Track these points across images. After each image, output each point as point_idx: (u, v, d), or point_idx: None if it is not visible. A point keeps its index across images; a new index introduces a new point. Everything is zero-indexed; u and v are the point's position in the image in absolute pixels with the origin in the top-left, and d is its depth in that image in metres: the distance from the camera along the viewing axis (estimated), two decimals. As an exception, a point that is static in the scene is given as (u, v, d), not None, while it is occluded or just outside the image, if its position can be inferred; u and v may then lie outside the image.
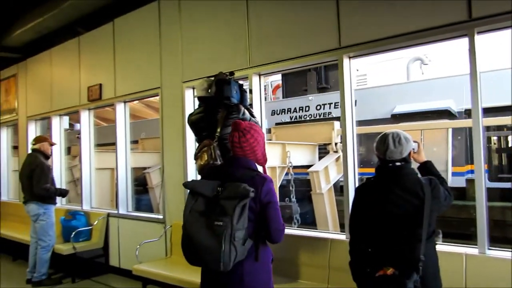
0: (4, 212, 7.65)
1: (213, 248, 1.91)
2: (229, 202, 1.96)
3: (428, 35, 2.96)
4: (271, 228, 2.10)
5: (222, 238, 1.90)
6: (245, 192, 1.95)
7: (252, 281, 2.09)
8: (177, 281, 3.75)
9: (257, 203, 2.06)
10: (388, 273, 2.05)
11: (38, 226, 5.04)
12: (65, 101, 6.36)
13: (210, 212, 1.99)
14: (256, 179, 2.09)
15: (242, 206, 1.95)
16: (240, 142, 2.18)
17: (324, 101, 8.70)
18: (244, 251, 2.01)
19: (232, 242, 1.92)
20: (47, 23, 5.75)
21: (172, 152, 4.74)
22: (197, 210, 2.03)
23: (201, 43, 4.45)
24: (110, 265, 5.49)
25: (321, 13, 3.48)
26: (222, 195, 2.00)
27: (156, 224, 4.85)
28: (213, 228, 1.93)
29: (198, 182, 2.13)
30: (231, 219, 1.92)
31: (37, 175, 4.96)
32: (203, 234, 1.95)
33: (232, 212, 1.92)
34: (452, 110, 6.84)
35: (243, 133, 2.19)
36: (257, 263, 2.11)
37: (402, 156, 2.23)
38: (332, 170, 6.14)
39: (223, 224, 1.91)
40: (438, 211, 2.26)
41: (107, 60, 5.57)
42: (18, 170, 7.43)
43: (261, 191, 2.06)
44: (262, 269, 2.15)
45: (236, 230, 1.93)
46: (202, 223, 1.97)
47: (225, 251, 1.90)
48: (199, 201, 2.05)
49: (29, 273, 5.12)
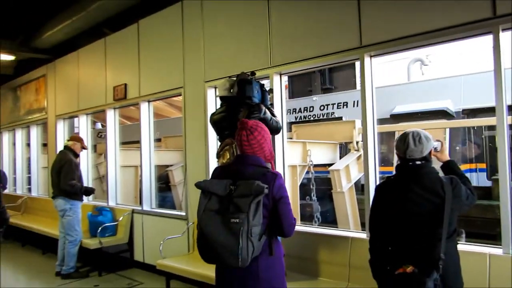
0: (34, 207, 7.96)
1: (230, 244, 1.96)
2: (243, 200, 2.00)
3: (451, 33, 2.93)
4: (284, 222, 2.15)
5: (239, 234, 1.94)
6: (260, 188, 1.99)
7: (268, 276, 2.13)
8: (200, 276, 3.81)
9: (270, 199, 2.11)
10: (408, 271, 2.06)
11: (65, 221, 5.22)
12: (92, 101, 6.55)
13: (225, 210, 2.03)
14: (268, 176, 2.13)
15: (257, 202, 2.00)
16: (249, 140, 2.21)
17: (327, 102, 8.92)
18: (260, 246, 2.06)
19: (249, 238, 1.96)
20: (75, 25, 5.92)
21: (194, 150, 4.83)
22: (211, 209, 2.07)
23: (222, 43, 4.52)
24: (135, 259, 5.62)
25: (342, 12, 3.48)
26: (236, 193, 2.04)
27: (179, 220, 4.95)
28: (230, 226, 1.97)
29: (210, 182, 2.18)
30: (247, 216, 1.96)
31: (65, 171, 5.15)
32: (220, 231, 1.99)
33: (248, 209, 1.97)
34: (449, 110, 6.99)
35: (250, 131, 2.22)
36: (272, 258, 2.16)
37: (422, 155, 2.23)
38: (353, 168, 6.11)
39: (239, 221, 1.96)
40: (460, 210, 2.25)
41: (132, 60, 5.70)
42: (47, 167, 7.74)
43: (273, 187, 2.11)
44: (276, 264, 2.20)
45: (253, 226, 1.98)
46: (218, 221, 2.02)
47: (243, 247, 1.94)
48: (212, 200, 2.09)
49: (58, 266, 5.31)
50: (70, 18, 5.80)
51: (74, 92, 6.96)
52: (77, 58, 6.91)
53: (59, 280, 5.16)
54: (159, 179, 6.97)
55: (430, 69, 8.91)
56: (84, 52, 6.79)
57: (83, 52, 6.81)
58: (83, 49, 6.78)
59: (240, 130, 2.25)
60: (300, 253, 3.62)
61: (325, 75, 10.50)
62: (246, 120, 2.30)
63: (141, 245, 5.52)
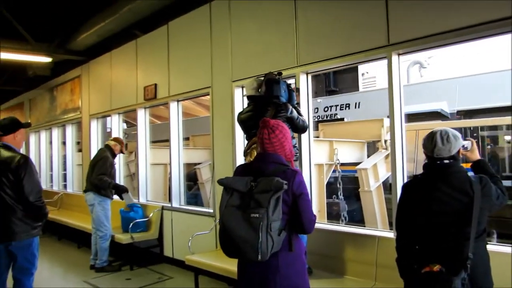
0: (69, 203, 8.29)
1: (250, 239, 2.00)
2: (263, 195, 2.04)
3: (478, 30, 2.87)
4: (304, 219, 2.18)
5: (259, 229, 1.99)
6: (279, 184, 2.03)
7: (288, 271, 2.17)
8: (227, 272, 3.87)
9: (290, 195, 2.14)
10: (435, 269, 2.05)
11: (94, 217, 5.41)
12: (123, 100, 6.75)
13: (246, 206, 2.08)
14: (288, 173, 2.17)
15: (277, 198, 2.04)
16: (270, 138, 2.25)
17: (331, 104, 9.25)
18: (280, 242, 2.09)
19: (268, 233, 2.01)
20: (107, 27, 6.11)
21: (222, 149, 4.91)
22: (232, 204, 2.12)
23: (249, 43, 4.57)
24: (164, 255, 5.77)
25: (370, 10, 3.47)
26: (256, 190, 2.09)
27: (206, 217, 5.04)
28: (250, 220, 2.02)
29: (232, 179, 2.23)
30: (267, 211, 2.01)
31: (98, 166, 5.36)
32: (241, 226, 2.04)
33: (268, 204, 2.01)
34: (443, 112, 7.29)
35: (272, 130, 2.26)
36: (292, 254, 2.19)
37: (450, 153, 2.21)
38: (381, 167, 6.03)
39: (259, 216, 2.00)
40: (490, 209, 2.21)
41: (161, 61, 5.85)
42: (81, 165, 8.04)
43: (293, 183, 2.15)
44: (297, 260, 2.23)
45: (272, 221, 2.02)
46: (239, 216, 2.07)
47: (262, 241, 1.99)
48: (234, 196, 2.14)
49: (92, 260, 5.52)
50: (103, 21, 5.99)
51: (106, 92, 7.20)
52: (109, 59, 7.14)
53: (93, 273, 5.35)
54: (187, 177, 7.12)
55: (429, 71, 8.98)
56: (116, 53, 7.00)
57: (115, 53, 7.03)
58: (115, 50, 7.00)
59: (261, 129, 2.30)
60: (326, 251, 3.63)
61: (330, 78, 10.89)
62: (268, 118, 2.35)
63: (171, 241, 5.66)
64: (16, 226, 3.20)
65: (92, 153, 7.48)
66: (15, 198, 3.20)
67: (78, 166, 8.55)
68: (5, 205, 3.18)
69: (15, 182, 3.18)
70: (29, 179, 3.21)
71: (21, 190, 3.18)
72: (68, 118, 8.67)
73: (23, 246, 3.27)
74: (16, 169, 3.18)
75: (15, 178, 3.18)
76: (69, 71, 8.56)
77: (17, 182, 3.18)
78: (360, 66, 3.03)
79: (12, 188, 3.19)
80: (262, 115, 3.05)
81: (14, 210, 3.20)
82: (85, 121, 7.93)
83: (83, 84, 8.05)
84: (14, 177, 3.18)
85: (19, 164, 3.20)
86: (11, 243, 3.22)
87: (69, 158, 8.85)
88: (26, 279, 3.35)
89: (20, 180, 3.17)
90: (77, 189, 8.50)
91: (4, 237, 3.21)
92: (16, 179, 3.18)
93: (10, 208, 3.19)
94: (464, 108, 7.42)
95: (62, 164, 9.51)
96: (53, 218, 7.41)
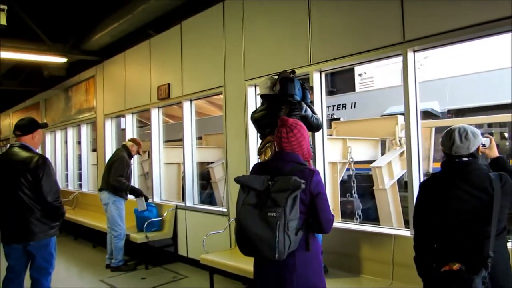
0: (85, 202, 8.39)
1: (267, 238, 2.00)
2: (280, 195, 2.03)
3: (496, 26, 2.82)
4: (322, 218, 2.17)
5: (276, 228, 1.98)
6: (297, 184, 2.02)
7: (305, 271, 2.16)
8: (242, 271, 3.87)
9: (307, 195, 2.13)
10: (455, 268, 2.02)
11: (108, 216, 5.46)
12: (137, 100, 6.81)
13: (262, 205, 2.07)
14: (305, 172, 2.16)
15: (294, 197, 2.03)
16: (288, 137, 2.25)
17: (328, 104, 9.25)
18: (297, 241, 2.08)
19: (285, 232, 2.00)
20: (121, 28, 6.15)
21: (235, 148, 4.92)
22: (249, 203, 2.12)
23: (262, 42, 4.56)
24: (179, 254, 5.80)
25: (384, 7, 3.43)
26: (274, 188, 2.08)
27: (220, 216, 5.05)
28: (267, 219, 2.02)
29: (249, 177, 2.23)
30: (284, 210, 2.00)
31: (116, 166, 5.41)
32: (257, 225, 2.04)
33: (285, 203, 2.01)
34: (434, 111, 7.49)
35: (290, 129, 2.26)
36: (309, 253, 2.18)
37: (469, 151, 2.18)
38: (396, 165, 5.96)
39: (276, 215, 2.00)
40: (510, 207, 2.18)
41: (175, 60, 5.88)
42: (96, 164, 8.13)
43: (311, 182, 2.14)
44: (313, 260, 2.22)
45: (290, 220, 2.01)
46: (255, 215, 2.06)
47: (279, 240, 1.98)
48: (250, 194, 2.14)
49: (107, 259, 5.58)
50: (117, 21, 6.03)
51: (121, 92, 7.26)
52: (123, 59, 7.20)
53: (109, 272, 5.41)
54: (200, 176, 7.16)
55: (423, 72, 9.02)
56: (130, 53, 7.06)
57: (129, 53, 7.09)
58: (129, 50, 7.06)
59: (280, 127, 2.30)
60: (342, 250, 3.61)
61: (328, 79, 10.96)
62: (286, 117, 2.35)
63: (185, 240, 5.69)
64: (35, 226, 3.25)
65: (107, 152, 7.59)
66: (34, 198, 3.24)
67: (93, 165, 8.64)
68: (24, 205, 3.23)
69: (34, 183, 3.23)
70: (47, 179, 3.25)
71: (40, 191, 3.23)
72: (83, 118, 8.78)
73: (41, 246, 3.32)
74: (35, 169, 3.23)
75: (34, 179, 3.23)
76: (84, 71, 8.66)
77: (36, 182, 3.22)
78: (357, 67, 3.12)
79: (30, 189, 3.23)
80: (276, 114, 3.04)
81: (32, 210, 3.25)
82: (99, 121, 8.02)
83: (97, 84, 8.14)
84: (32, 178, 3.23)
85: (37, 165, 3.24)
86: (29, 243, 3.27)
87: (84, 158, 8.96)
88: (44, 279, 3.40)
89: (39, 180, 3.22)
90: (92, 189, 8.59)
91: (22, 237, 3.27)
92: (34, 179, 3.23)
93: (29, 208, 3.24)
94: (455, 107, 7.60)
95: (77, 164, 9.63)
96: (69, 218, 7.48)
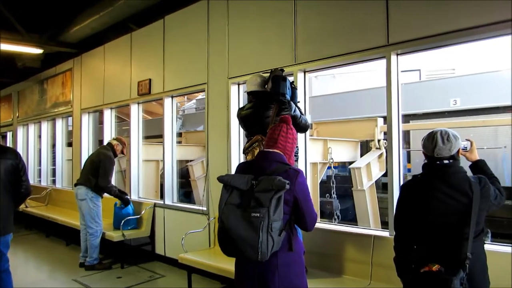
0: (58, 198, 8.16)
1: (250, 238, 1.99)
2: (264, 195, 2.03)
3: (478, 32, 2.89)
4: (307, 218, 2.21)
5: (259, 228, 1.98)
6: (281, 184, 2.02)
7: (287, 271, 2.16)
8: (221, 271, 3.85)
9: (291, 195, 2.14)
10: (434, 269, 2.05)
11: (84, 213, 5.27)
12: (116, 95, 6.66)
13: (246, 205, 2.07)
14: (290, 172, 2.17)
15: (278, 198, 2.03)
16: (287, 134, 2.29)
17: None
18: (280, 242, 2.08)
19: (269, 233, 2.00)
20: (102, 20, 6.00)
21: (216, 146, 4.87)
22: (232, 203, 2.11)
23: (247, 40, 4.54)
24: (156, 253, 5.71)
25: (369, 10, 3.47)
26: (257, 188, 2.07)
27: (200, 215, 5.00)
28: (250, 220, 2.01)
29: (232, 176, 2.22)
30: (268, 210, 2.00)
31: (105, 167, 5.25)
32: (240, 225, 2.03)
33: (269, 204, 2.00)
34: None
35: (290, 127, 2.33)
36: (291, 254, 2.18)
37: (450, 153, 2.22)
38: (374, 167, 6.05)
39: (260, 216, 1.99)
40: (488, 210, 2.23)
41: (157, 56, 5.78)
42: (71, 160, 7.92)
43: (295, 183, 2.15)
44: (296, 261, 2.22)
45: (273, 221, 2.01)
46: (239, 215, 2.06)
47: (262, 241, 1.98)
48: (234, 194, 2.13)
49: (81, 257, 5.42)
50: (98, 13, 5.89)
51: (99, 86, 7.10)
52: (103, 52, 7.04)
53: (83, 271, 5.26)
54: (179, 174, 7.07)
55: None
56: (110, 47, 6.91)
57: (109, 47, 6.93)
58: (109, 44, 6.90)
59: (281, 123, 2.33)
60: (323, 250, 3.63)
61: None
62: (288, 116, 2.40)
63: (163, 238, 5.61)
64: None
65: (83, 148, 7.41)
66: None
67: (68, 161, 8.42)
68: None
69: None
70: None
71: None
72: (58, 111, 8.54)
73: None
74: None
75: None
76: (61, 64, 8.44)
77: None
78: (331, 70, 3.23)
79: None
80: (264, 112, 3.00)
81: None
82: (76, 115, 7.82)
83: (75, 77, 7.93)
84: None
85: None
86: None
87: (58, 153, 8.71)
88: None
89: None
90: (67, 185, 8.39)
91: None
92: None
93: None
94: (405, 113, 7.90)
95: (51, 159, 9.36)
96: (41, 214, 7.33)
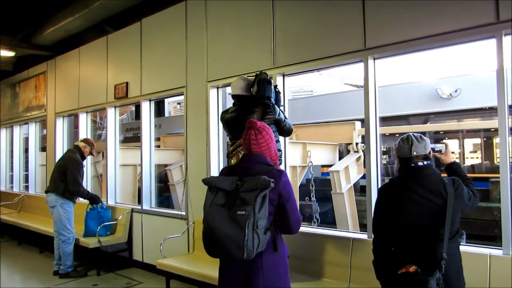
0: (31, 205, 7.91)
1: (236, 237, 1.98)
2: (249, 194, 2.03)
3: (455, 37, 2.97)
4: (292, 219, 2.19)
5: (245, 226, 1.97)
6: (266, 182, 2.02)
7: (272, 272, 2.15)
8: (200, 276, 3.81)
9: (276, 195, 2.14)
10: (411, 270, 2.08)
11: (56, 219, 5.14)
12: (92, 99, 6.53)
13: (231, 204, 2.06)
14: (274, 172, 2.17)
15: (263, 196, 2.03)
16: (257, 139, 2.26)
17: None
18: (265, 241, 2.07)
19: (255, 230, 1.99)
20: (77, 22, 5.89)
21: (195, 150, 4.83)
22: (217, 203, 2.10)
23: (226, 43, 4.53)
24: (134, 259, 5.60)
25: (346, 15, 3.51)
26: (243, 188, 2.07)
27: (178, 220, 4.95)
28: (236, 218, 2.00)
29: (217, 178, 2.21)
30: (253, 208, 1.99)
31: (72, 171, 5.11)
32: (226, 224, 2.01)
33: (254, 202, 1.99)
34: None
35: (259, 131, 2.27)
36: (276, 255, 2.18)
37: (426, 151, 2.30)
38: (352, 170, 6.12)
39: (245, 213, 1.98)
40: (462, 211, 2.28)
41: (134, 59, 5.70)
42: (45, 165, 7.70)
43: (279, 183, 2.14)
44: (280, 263, 2.22)
45: (259, 219, 2.00)
46: (224, 214, 2.05)
47: (248, 239, 1.97)
48: (219, 195, 2.12)
49: (55, 265, 5.27)
50: (73, 15, 5.78)
51: (74, 90, 6.94)
52: (78, 55, 6.90)
53: (57, 279, 5.12)
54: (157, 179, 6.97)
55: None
56: (85, 49, 6.77)
57: (84, 49, 6.79)
58: (84, 46, 6.77)
59: (248, 130, 2.29)
60: (303, 253, 3.63)
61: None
62: (255, 120, 2.35)
63: (140, 244, 5.51)
64: None
65: (57, 153, 7.22)
66: None
67: (42, 166, 8.18)
68: None
69: None
70: None
71: None
72: (31, 116, 8.32)
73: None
74: None
75: None
76: (34, 67, 8.23)
77: None
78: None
79: None
80: (248, 115, 2.98)
81: None
82: (50, 119, 7.63)
83: (49, 80, 7.75)
84: None
85: None
86: None
87: (31, 158, 8.46)
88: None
89: None
90: (40, 191, 8.15)
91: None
92: None
93: None
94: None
95: (24, 164, 9.07)
96: (13, 221, 7.11)
